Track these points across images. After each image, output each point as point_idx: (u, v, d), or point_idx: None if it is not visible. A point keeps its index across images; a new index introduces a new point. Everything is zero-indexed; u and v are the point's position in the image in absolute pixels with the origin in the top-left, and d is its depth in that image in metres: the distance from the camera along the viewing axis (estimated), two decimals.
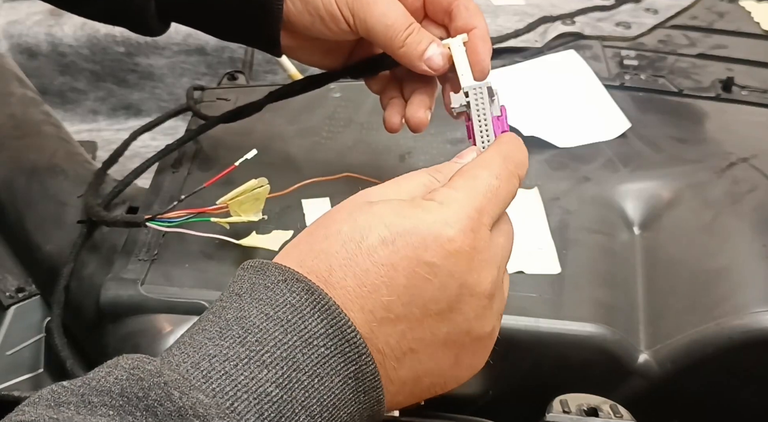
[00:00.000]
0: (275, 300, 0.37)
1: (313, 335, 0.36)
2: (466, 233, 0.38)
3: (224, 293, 0.39)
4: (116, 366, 0.35)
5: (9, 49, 1.01)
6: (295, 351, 0.36)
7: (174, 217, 0.55)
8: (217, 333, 0.36)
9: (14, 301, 0.64)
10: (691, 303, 0.56)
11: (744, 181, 0.65)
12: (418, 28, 0.53)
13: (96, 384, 0.34)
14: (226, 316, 0.37)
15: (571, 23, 0.88)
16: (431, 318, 0.38)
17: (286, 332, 0.36)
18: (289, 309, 0.36)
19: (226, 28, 0.58)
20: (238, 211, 0.55)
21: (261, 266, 0.38)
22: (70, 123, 1.02)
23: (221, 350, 0.35)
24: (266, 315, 0.36)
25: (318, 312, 0.36)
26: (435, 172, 0.43)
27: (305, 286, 0.37)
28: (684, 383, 0.54)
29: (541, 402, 0.50)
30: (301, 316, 0.36)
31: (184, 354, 0.35)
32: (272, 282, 0.37)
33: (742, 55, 0.83)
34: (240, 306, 0.37)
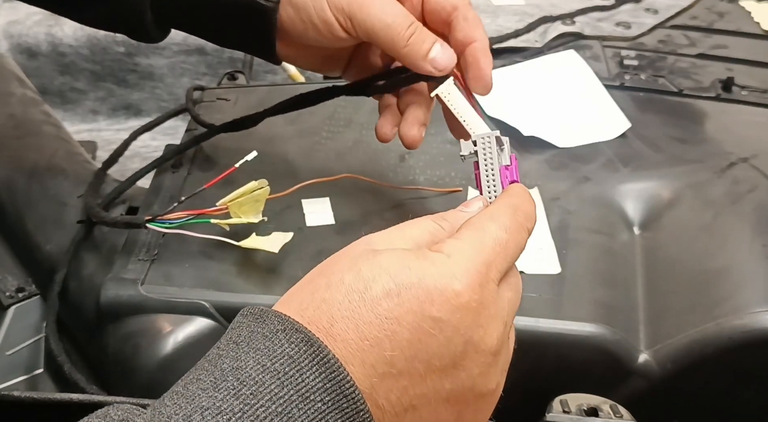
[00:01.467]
0: (273, 351, 0.35)
1: (310, 389, 0.35)
2: (474, 288, 0.37)
3: (222, 340, 0.37)
4: (105, 416, 0.33)
5: (9, 49, 1.01)
6: (291, 406, 0.34)
7: (174, 219, 0.55)
8: (212, 383, 0.35)
9: (14, 301, 0.64)
10: (691, 303, 0.56)
11: (744, 181, 0.65)
12: (421, 26, 0.52)
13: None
14: (221, 366, 0.35)
15: (571, 23, 0.88)
16: (434, 375, 0.37)
17: (282, 385, 0.35)
18: (286, 361, 0.35)
19: (223, 35, 0.58)
20: (239, 212, 0.55)
21: (261, 314, 0.37)
22: (70, 123, 1.02)
23: (214, 402, 0.34)
24: (263, 366, 0.35)
25: (316, 366, 0.35)
26: (440, 220, 0.42)
27: (304, 337, 0.35)
28: (684, 383, 0.54)
29: (541, 402, 0.50)
30: (298, 369, 0.35)
31: (176, 406, 0.34)
32: (271, 332, 0.36)
33: (742, 55, 0.83)
34: (236, 356, 0.36)
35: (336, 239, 0.59)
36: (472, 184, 0.64)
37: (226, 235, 0.56)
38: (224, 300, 0.55)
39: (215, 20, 0.56)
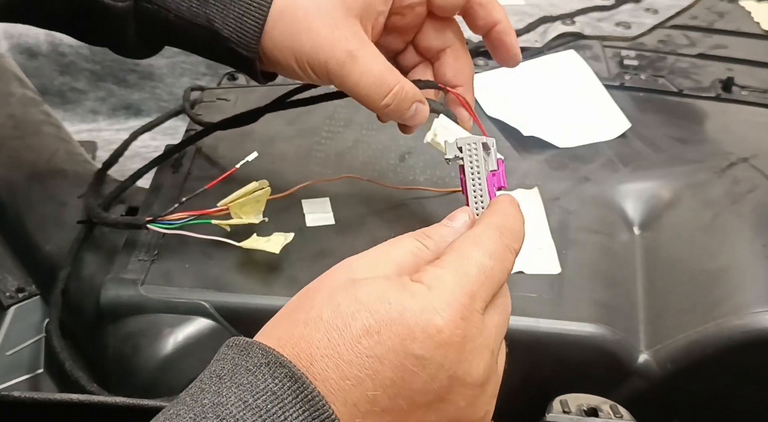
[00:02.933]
0: (256, 386, 0.34)
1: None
2: (456, 322, 0.36)
3: (206, 373, 0.36)
4: None
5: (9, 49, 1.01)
6: None
7: (175, 219, 0.55)
8: (191, 420, 0.34)
9: (14, 301, 0.64)
10: (691, 303, 0.56)
11: (744, 181, 0.65)
12: (400, 95, 0.50)
13: None
14: (202, 401, 0.34)
15: (571, 23, 0.88)
16: (419, 410, 0.36)
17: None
18: (269, 398, 0.34)
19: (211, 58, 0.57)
20: (239, 213, 0.55)
21: (245, 346, 0.36)
22: (70, 123, 1.02)
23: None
24: (245, 402, 0.34)
25: (300, 403, 0.34)
26: (423, 238, 0.40)
27: (288, 372, 0.34)
28: (684, 383, 0.54)
29: (541, 402, 0.50)
30: (281, 406, 0.34)
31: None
32: (254, 365, 0.35)
33: (742, 55, 0.83)
34: (218, 391, 0.34)
35: (336, 239, 0.59)
36: None
37: (226, 236, 0.56)
38: (224, 300, 0.55)
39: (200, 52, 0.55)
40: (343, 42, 0.49)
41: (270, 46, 0.51)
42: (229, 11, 0.50)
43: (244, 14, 0.50)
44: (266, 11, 0.50)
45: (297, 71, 0.51)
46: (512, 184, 0.64)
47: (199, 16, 0.51)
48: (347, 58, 0.49)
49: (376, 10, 0.51)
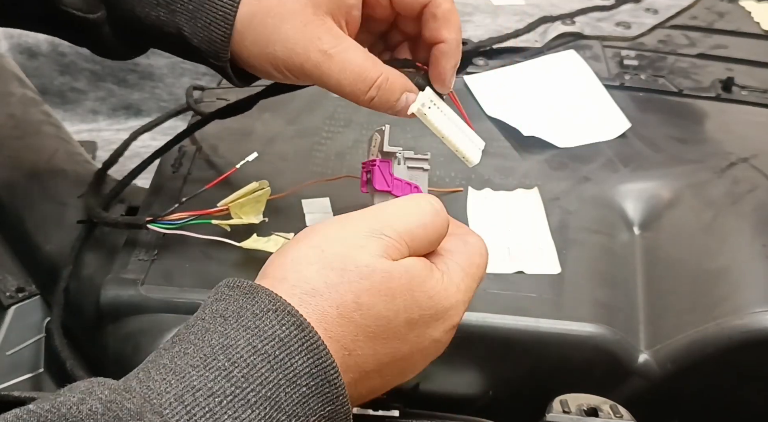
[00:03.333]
0: (263, 331, 0.36)
1: (297, 374, 0.36)
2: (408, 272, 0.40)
3: (207, 310, 0.37)
4: (90, 394, 0.33)
5: (9, 49, 1.01)
6: (279, 391, 0.35)
7: (175, 219, 0.55)
8: (201, 361, 0.35)
9: (14, 301, 0.64)
10: (691, 303, 0.56)
11: (744, 181, 0.65)
12: (383, 85, 0.49)
13: (67, 411, 0.32)
14: (210, 342, 0.36)
15: (571, 23, 0.88)
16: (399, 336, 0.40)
17: (272, 369, 0.35)
18: (277, 344, 0.36)
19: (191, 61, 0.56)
20: (239, 213, 0.55)
21: (250, 290, 0.37)
22: (70, 123, 1.02)
23: (206, 383, 0.34)
24: (253, 347, 0.35)
25: (305, 350, 0.36)
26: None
27: (296, 322, 0.36)
28: (684, 383, 0.54)
29: (541, 402, 0.50)
30: (288, 353, 0.36)
31: (167, 383, 0.34)
32: (261, 310, 0.36)
33: (742, 55, 0.83)
34: (225, 332, 0.36)
35: None
36: (473, 184, 0.64)
37: (226, 236, 0.56)
38: None
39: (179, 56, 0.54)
40: (316, 42, 0.48)
41: (244, 54, 0.50)
42: (196, 20, 0.49)
43: (211, 23, 0.49)
44: (232, 20, 0.49)
45: (276, 76, 0.51)
46: (512, 184, 0.64)
47: (169, 25, 0.50)
48: (322, 58, 0.48)
49: (347, 4, 0.49)
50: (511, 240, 0.59)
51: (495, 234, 0.59)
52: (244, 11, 0.48)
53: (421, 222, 0.41)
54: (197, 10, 0.48)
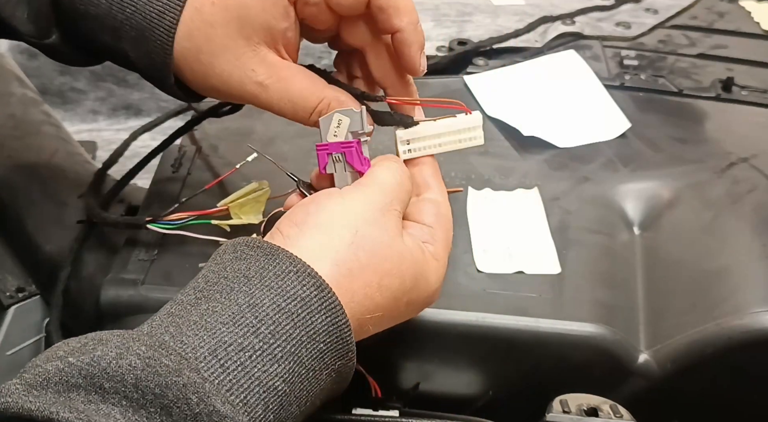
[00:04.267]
0: (286, 292, 0.38)
1: (317, 331, 0.38)
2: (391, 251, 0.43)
3: (228, 268, 0.40)
4: (128, 349, 0.34)
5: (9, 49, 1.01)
6: (300, 347, 0.38)
7: (175, 219, 0.55)
8: (230, 318, 0.37)
9: (14, 301, 0.64)
10: (691, 303, 0.56)
11: (744, 181, 0.65)
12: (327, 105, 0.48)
13: (107, 365, 0.34)
14: (237, 300, 0.38)
15: (571, 23, 0.88)
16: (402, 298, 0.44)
17: (295, 326, 0.38)
18: (299, 303, 0.38)
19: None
20: (239, 213, 0.55)
21: (271, 251, 0.40)
22: (70, 123, 1.02)
23: (236, 339, 0.37)
24: (278, 306, 0.38)
25: (325, 310, 0.39)
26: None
27: (316, 283, 0.39)
28: (684, 383, 0.54)
29: (541, 402, 0.50)
30: (309, 312, 0.38)
31: (199, 339, 0.36)
32: (283, 271, 0.39)
33: (742, 55, 0.83)
34: (250, 292, 0.38)
35: None
36: (473, 184, 0.64)
37: (226, 236, 0.56)
38: None
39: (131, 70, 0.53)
40: (250, 74, 0.48)
41: (186, 81, 0.50)
42: (139, 47, 0.49)
43: (152, 52, 0.48)
44: (170, 51, 0.48)
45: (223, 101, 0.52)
46: (512, 183, 0.64)
47: (117, 49, 0.50)
48: (259, 90, 0.48)
49: (278, 29, 0.48)
50: (511, 240, 0.59)
51: (495, 234, 0.59)
52: (178, 48, 0.48)
53: (407, 188, 0.46)
54: (139, 39, 0.48)
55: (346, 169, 0.47)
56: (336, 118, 0.47)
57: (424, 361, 0.56)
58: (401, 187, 0.45)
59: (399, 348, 0.55)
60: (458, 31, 0.87)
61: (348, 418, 0.50)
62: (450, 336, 0.54)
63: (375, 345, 0.44)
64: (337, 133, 0.47)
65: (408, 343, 0.54)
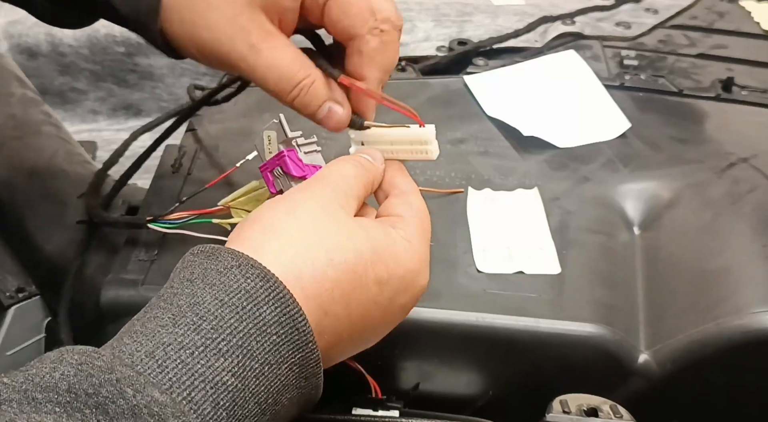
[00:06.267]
0: (229, 286, 0.37)
1: (266, 323, 0.37)
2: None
3: (174, 279, 0.38)
4: (61, 361, 0.33)
5: (9, 49, 1.01)
6: (249, 340, 0.36)
7: (175, 219, 0.55)
8: (170, 320, 0.36)
9: (14, 301, 0.64)
10: (691, 303, 0.56)
11: (744, 181, 0.65)
12: (308, 86, 0.48)
13: (40, 380, 0.32)
14: (178, 303, 0.36)
15: (571, 23, 0.88)
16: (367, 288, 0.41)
17: (241, 319, 0.36)
18: (243, 296, 0.37)
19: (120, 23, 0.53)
20: (240, 212, 0.55)
21: (212, 251, 0.39)
22: (70, 123, 1.02)
23: (176, 338, 0.35)
24: (220, 301, 0.36)
25: (272, 300, 0.37)
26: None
27: (260, 273, 0.37)
28: (684, 383, 0.54)
29: (541, 403, 0.50)
30: (255, 303, 0.37)
31: (137, 343, 0.35)
32: (225, 268, 0.37)
33: (742, 55, 0.83)
34: (192, 292, 0.37)
35: None
36: (473, 184, 0.64)
37: (227, 235, 0.55)
38: None
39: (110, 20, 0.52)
40: (245, 34, 0.46)
41: (171, 32, 0.48)
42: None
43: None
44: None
45: (201, 60, 0.49)
46: (512, 183, 0.64)
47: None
48: (249, 52, 0.47)
49: (283, 5, 0.47)
50: (511, 240, 0.59)
51: (495, 234, 0.60)
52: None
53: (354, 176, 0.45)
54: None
55: (291, 181, 0.47)
56: (265, 135, 0.47)
57: (424, 361, 0.56)
58: (344, 178, 0.44)
59: (399, 348, 0.55)
60: (458, 31, 0.87)
61: (348, 418, 0.50)
62: (450, 336, 0.54)
63: (375, 345, 0.44)
64: (271, 149, 0.47)
65: (408, 343, 0.54)
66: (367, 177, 0.46)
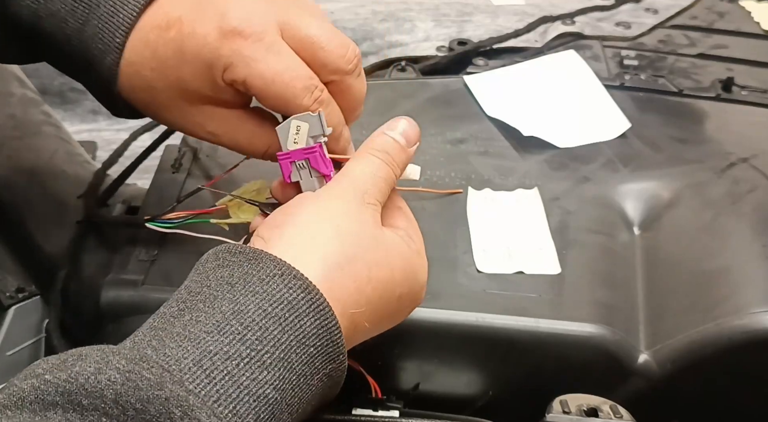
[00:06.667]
0: (272, 296, 0.37)
1: (306, 335, 0.37)
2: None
3: (210, 276, 0.38)
4: (107, 363, 0.33)
5: None
6: (290, 352, 0.37)
7: (173, 218, 0.55)
8: (215, 327, 0.36)
9: (14, 301, 0.64)
10: (691, 303, 0.56)
11: (744, 181, 0.65)
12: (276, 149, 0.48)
13: (85, 381, 0.32)
14: (221, 308, 0.37)
15: (571, 23, 0.88)
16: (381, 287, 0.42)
17: (283, 331, 0.37)
18: (286, 307, 0.37)
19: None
20: (238, 212, 0.55)
21: (254, 255, 0.39)
22: (70, 123, 1.02)
23: (222, 347, 0.35)
24: (264, 311, 0.37)
25: (313, 312, 0.37)
26: None
27: (302, 284, 0.38)
28: (684, 383, 0.54)
29: (541, 403, 0.50)
30: (297, 315, 0.37)
31: (183, 349, 0.35)
32: (267, 275, 0.38)
33: (742, 55, 0.83)
34: (235, 298, 0.37)
35: None
36: (473, 184, 0.64)
37: (225, 235, 0.55)
38: None
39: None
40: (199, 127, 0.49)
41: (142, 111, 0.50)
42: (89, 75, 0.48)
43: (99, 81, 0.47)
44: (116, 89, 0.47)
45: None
46: (512, 183, 0.64)
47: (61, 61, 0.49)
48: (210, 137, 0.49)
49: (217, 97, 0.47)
50: (511, 240, 0.59)
51: (495, 234, 0.59)
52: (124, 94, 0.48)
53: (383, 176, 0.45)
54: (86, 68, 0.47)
55: (312, 175, 0.46)
56: (294, 124, 0.46)
57: (424, 361, 0.56)
58: (374, 177, 0.44)
59: (399, 348, 0.55)
60: (458, 31, 0.87)
61: (348, 418, 0.50)
62: (450, 336, 0.54)
63: (375, 345, 0.44)
64: (297, 140, 0.47)
65: (408, 343, 0.54)
66: (395, 172, 0.46)
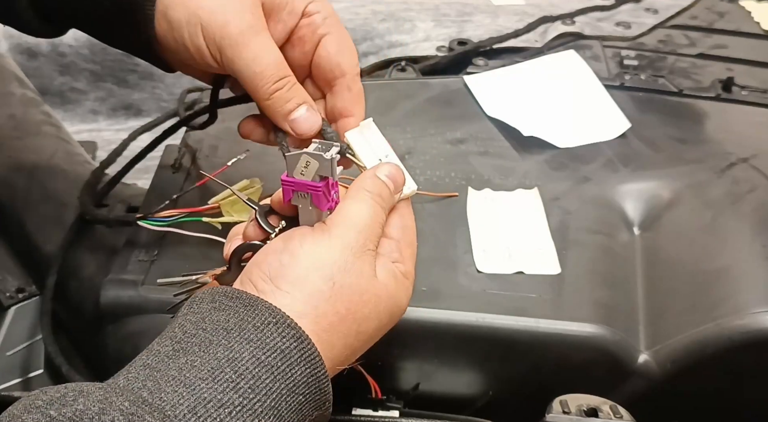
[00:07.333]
0: (266, 344, 0.38)
1: (297, 383, 0.38)
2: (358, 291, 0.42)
3: (206, 319, 0.39)
4: (110, 404, 0.34)
5: (9, 49, 1.01)
6: (281, 400, 0.37)
7: (165, 216, 0.55)
8: (209, 373, 0.37)
9: (14, 301, 0.64)
10: (691, 303, 0.56)
11: (744, 181, 0.65)
12: (291, 83, 0.49)
13: (89, 421, 0.33)
14: (216, 354, 0.37)
15: (571, 23, 0.88)
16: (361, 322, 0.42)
17: (275, 380, 0.38)
18: (278, 356, 0.38)
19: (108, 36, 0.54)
20: (230, 211, 0.55)
21: (250, 302, 0.39)
22: (70, 123, 1.02)
23: (215, 395, 0.36)
24: (258, 359, 0.38)
25: (304, 361, 0.38)
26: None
27: (296, 334, 0.39)
28: (684, 383, 0.54)
29: (541, 403, 0.50)
30: (289, 364, 0.38)
31: (178, 395, 0.36)
32: (262, 323, 0.39)
33: (742, 55, 0.83)
34: (230, 345, 0.38)
35: None
36: (473, 184, 0.64)
37: (218, 234, 0.55)
38: None
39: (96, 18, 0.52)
40: (246, 15, 0.47)
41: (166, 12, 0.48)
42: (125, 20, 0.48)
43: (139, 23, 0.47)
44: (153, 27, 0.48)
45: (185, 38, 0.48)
46: (512, 184, 0.64)
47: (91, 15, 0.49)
48: (247, 30, 0.47)
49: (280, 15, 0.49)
50: (511, 241, 0.59)
51: (495, 235, 0.59)
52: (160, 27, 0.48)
53: (380, 221, 0.45)
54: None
55: (311, 207, 0.46)
56: (304, 159, 0.45)
57: (424, 361, 0.56)
58: (374, 221, 0.44)
59: (399, 349, 0.55)
60: (458, 31, 0.87)
61: (348, 418, 0.50)
62: (450, 336, 0.54)
63: (375, 346, 0.44)
64: (304, 173, 0.46)
65: (408, 343, 0.54)
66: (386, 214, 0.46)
